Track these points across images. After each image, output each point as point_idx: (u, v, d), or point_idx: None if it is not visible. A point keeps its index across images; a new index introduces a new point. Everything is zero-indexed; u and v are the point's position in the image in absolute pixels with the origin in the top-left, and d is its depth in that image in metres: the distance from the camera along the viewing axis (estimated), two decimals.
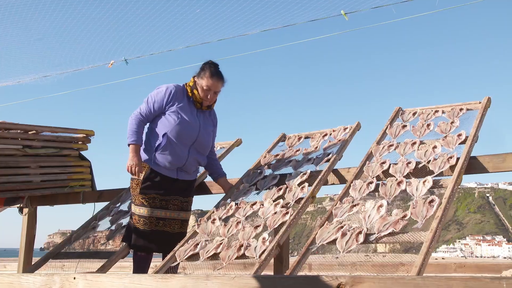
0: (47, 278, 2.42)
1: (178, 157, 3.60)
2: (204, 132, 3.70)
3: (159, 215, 3.58)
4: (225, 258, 3.01)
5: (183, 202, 3.70)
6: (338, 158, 3.87)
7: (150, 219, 3.55)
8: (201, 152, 3.75)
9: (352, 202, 3.22)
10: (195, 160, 3.72)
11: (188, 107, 3.65)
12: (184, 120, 3.59)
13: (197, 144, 3.68)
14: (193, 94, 3.66)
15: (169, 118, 3.58)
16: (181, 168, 3.66)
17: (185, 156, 3.63)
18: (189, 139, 3.62)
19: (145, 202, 3.56)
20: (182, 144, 3.60)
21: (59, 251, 4.10)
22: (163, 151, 3.57)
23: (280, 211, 3.31)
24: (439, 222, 2.72)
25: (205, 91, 3.61)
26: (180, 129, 3.57)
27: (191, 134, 3.62)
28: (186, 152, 3.63)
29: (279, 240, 2.99)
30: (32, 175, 4.57)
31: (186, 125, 3.59)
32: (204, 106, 3.70)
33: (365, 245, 2.86)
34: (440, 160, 3.30)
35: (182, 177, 3.69)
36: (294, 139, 4.50)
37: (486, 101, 3.84)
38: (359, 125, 4.30)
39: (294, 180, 3.73)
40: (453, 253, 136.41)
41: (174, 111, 3.59)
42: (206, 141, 3.74)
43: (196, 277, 2.05)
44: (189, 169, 3.71)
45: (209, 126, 3.79)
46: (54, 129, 4.79)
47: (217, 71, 3.63)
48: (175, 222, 3.63)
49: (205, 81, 3.60)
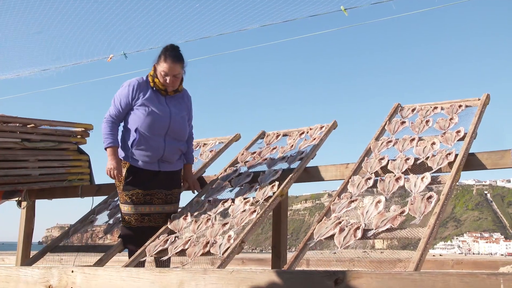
0: (45, 271, 2.42)
1: (155, 149, 3.56)
2: (176, 118, 3.63)
3: (143, 211, 3.56)
4: (191, 254, 3.06)
5: (167, 195, 3.65)
6: (311, 157, 3.91)
7: (135, 216, 3.55)
8: (179, 139, 3.69)
9: (351, 197, 3.23)
10: (175, 148, 3.66)
11: (155, 97, 3.60)
12: (152, 111, 3.54)
13: (171, 132, 3.61)
14: (154, 83, 3.60)
15: (138, 112, 3.55)
16: (161, 159, 3.61)
17: (161, 147, 3.58)
18: (161, 129, 3.57)
19: (129, 199, 3.56)
20: (155, 135, 3.55)
21: (57, 244, 4.10)
22: (138, 146, 3.54)
23: (249, 209, 3.36)
24: (437, 218, 2.72)
25: (163, 76, 3.54)
26: (150, 121, 3.53)
27: (162, 123, 3.57)
28: (162, 142, 3.58)
29: (243, 238, 3.03)
30: (30, 168, 4.57)
31: (155, 116, 3.54)
32: (170, 91, 3.62)
33: (362, 241, 2.87)
34: (439, 157, 3.30)
35: (164, 169, 3.64)
36: (273, 137, 4.54)
37: (485, 98, 3.84)
38: (336, 124, 4.35)
39: (266, 178, 3.77)
40: (450, 250, 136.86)
41: (141, 104, 3.55)
42: (180, 127, 3.67)
43: (193, 271, 2.06)
44: (171, 158, 3.65)
45: (182, 110, 3.71)
46: (53, 123, 4.78)
47: (172, 54, 3.54)
48: (159, 216, 3.60)
49: (161, 66, 3.53)
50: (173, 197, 3.70)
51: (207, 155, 4.60)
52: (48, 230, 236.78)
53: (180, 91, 3.70)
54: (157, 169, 3.60)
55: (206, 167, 4.45)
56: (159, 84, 3.58)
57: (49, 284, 2.38)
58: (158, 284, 2.09)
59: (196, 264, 3.05)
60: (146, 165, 3.57)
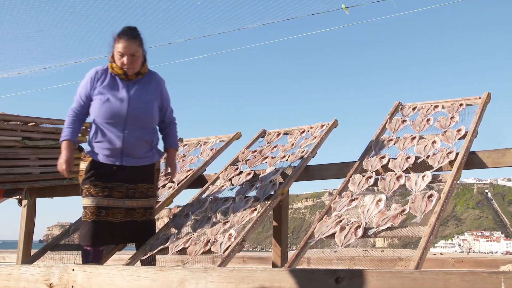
0: (46, 270, 2.42)
1: (113, 141, 3.26)
2: (137, 103, 3.30)
3: (101, 203, 3.25)
4: (191, 253, 3.07)
5: (129, 189, 3.32)
6: (311, 156, 3.91)
7: (92, 209, 3.23)
8: (143, 127, 3.33)
9: (351, 196, 3.23)
10: (139, 139, 3.32)
11: (113, 84, 3.32)
12: (108, 99, 3.26)
13: (131, 119, 3.28)
14: (112, 68, 3.32)
15: (94, 102, 3.30)
16: (123, 152, 3.29)
17: (119, 138, 3.26)
18: (117, 117, 3.25)
19: (87, 192, 3.27)
20: (112, 126, 3.26)
21: (57, 242, 4.11)
22: (96, 138, 3.29)
23: (250, 207, 3.37)
24: (437, 217, 2.72)
25: (120, 57, 3.26)
26: (104, 110, 3.26)
27: (119, 111, 3.25)
28: (120, 133, 3.26)
29: (244, 237, 3.03)
30: (31, 167, 4.57)
31: (109, 104, 3.26)
32: (131, 74, 3.31)
33: (363, 240, 2.87)
34: (440, 155, 3.30)
35: (128, 163, 3.30)
36: (273, 135, 4.54)
37: (486, 97, 3.84)
38: (336, 122, 4.35)
39: (267, 176, 3.77)
40: (451, 248, 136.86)
41: (98, 93, 3.29)
42: (143, 112, 3.31)
43: (194, 269, 2.06)
44: (135, 151, 3.31)
45: (148, 94, 3.36)
46: (54, 121, 4.78)
47: (126, 32, 3.27)
48: (118, 211, 3.28)
49: (117, 47, 3.25)
50: (137, 192, 3.35)
51: (207, 154, 4.60)
52: (49, 228, 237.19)
53: (143, 73, 3.38)
54: (119, 163, 3.29)
55: (206, 165, 4.45)
56: (116, 69, 3.30)
57: (50, 282, 2.38)
58: (159, 282, 2.09)
59: (197, 263, 3.05)
60: (105, 158, 3.28)
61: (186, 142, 5.08)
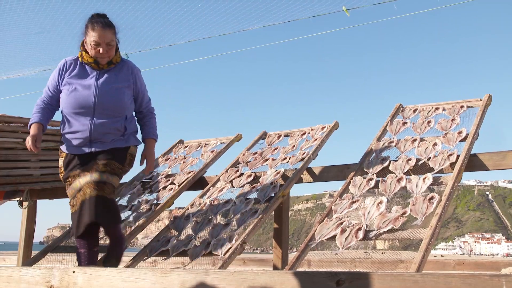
0: (46, 272, 2.42)
1: (80, 131, 3.13)
2: (105, 92, 3.15)
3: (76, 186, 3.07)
4: (192, 255, 3.07)
5: (101, 165, 3.10)
6: (312, 158, 3.92)
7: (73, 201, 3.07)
8: (112, 115, 3.17)
9: (352, 198, 3.22)
10: (108, 128, 3.15)
11: (82, 73, 3.20)
12: (75, 89, 3.15)
13: (100, 107, 3.14)
14: (82, 57, 3.20)
15: (62, 94, 3.20)
16: (92, 140, 3.14)
17: (86, 126, 3.12)
18: (85, 106, 3.13)
19: (67, 185, 3.15)
20: (80, 115, 3.14)
21: (58, 244, 4.10)
22: (65, 130, 3.18)
23: (250, 209, 3.36)
24: (438, 219, 2.72)
25: (94, 47, 3.12)
26: (70, 100, 3.15)
27: (86, 99, 3.12)
28: (87, 122, 3.13)
29: (244, 239, 3.04)
30: (32, 168, 4.57)
31: (76, 93, 3.14)
32: (103, 63, 3.18)
33: (364, 242, 2.87)
34: (440, 157, 3.30)
35: (98, 148, 3.15)
36: (274, 137, 4.54)
37: (487, 99, 3.84)
38: (337, 124, 4.35)
39: (267, 178, 3.77)
40: (452, 250, 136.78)
41: (66, 84, 3.19)
42: (111, 100, 3.16)
43: (195, 272, 2.06)
44: (103, 138, 3.16)
45: (118, 82, 3.21)
46: (54, 123, 4.77)
47: (100, 20, 3.14)
48: (87, 186, 3.03)
49: (91, 36, 3.10)
50: (109, 168, 3.13)
51: (208, 156, 4.60)
52: (49, 230, 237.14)
53: (115, 63, 3.26)
54: (89, 151, 3.15)
55: (207, 167, 4.45)
56: (87, 57, 3.18)
57: (50, 284, 2.38)
58: (160, 285, 2.09)
59: (197, 265, 3.05)
60: (75, 149, 3.16)
61: (187, 144, 5.08)
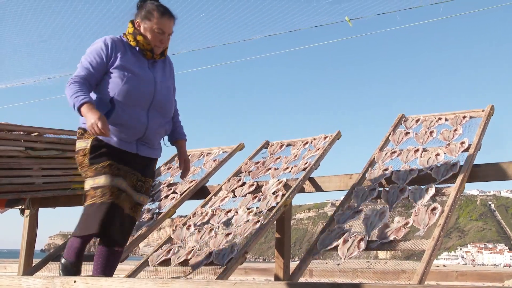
0: (47, 281, 2.41)
1: (135, 125, 2.76)
2: (162, 88, 2.88)
3: (121, 185, 2.69)
4: (194, 264, 3.07)
5: (138, 181, 2.82)
6: (314, 167, 3.92)
7: (111, 189, 2.63)
8: (165, 115, 2.91)
9: (354, 208, 3.21)
10: (160, 127, 2.89)
11: (137, 60, 2.83)
12: (133, 76, 2.77)
13: (157, 104, 2.84)
14: (137, 41, 2.83)
15: (114, 77, 2.75)
16: (141, 139, 2.82)
17: (144, 123, 2.78)
18: (144, 99, 2.79)
19: (102, 169, 2.67)
20: (135, 108, 2.76)
21: (59, 253, 4.09)
22: (114, 120, 2.70)
23: (252, 219, 3.36)
24: (441, 230, 2.71)
25: (157, 34, 2.82)
26: (130, 88, 2.74)
27: (146, 92, 2.79)
28: (144, 117, 2.79)
29: (246, 249, 3.04)
30: (34, 176, 4.57)
31: (137, 82, 2.77)
32: (157, 53, 2.88)
33: (366, 251, 2.86)
34: (443, 168, 3.29)
35: (143, 153, 2.84)
36: (276, 147, 4.55)
37: (489, 109, 3.84)
38: (340, 134, 4.36)
39: (269, 188, 3.77)
40: (454, 260, 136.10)
41: (118, 67, 2.75)
42: (167, 99, 2.92)
43: (196, 282, 2.05)
44: (152, 139, 2.87)
45: (167, 79, 2.97)
46: (57, 131, 4.80)
47: (167, 9, 2.88)
48: (129, 201, 2.75)
49: (157, 22, 2.80)
50: (145, 187, 2.88)
51: (210, 165, 4.60)
52: (51, 237, 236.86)
53: (165, 55, 3.00)
54: (134, 152, 2.80)
55: (209, 176, 4.45)
56: (144, 43, 2.83)
57: None
58: None
59: (198, 274, 3.04)
60: (120, 143, 2.75)
61: (189, 152, 5.07)
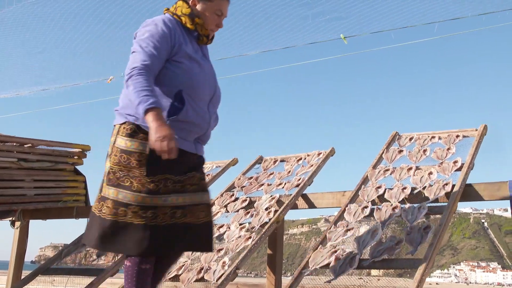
0: None
1: (199, 124, 2.37)
2: (215, 79, 2.51)
3: (176, 202, 2.27)
4: (185, 280, 3.06)
5: (200, 180, 2.40)
6: (308, 184, 3.92)
7: (163, 210, 2.22)
8: (216, 109, 2.53)
9: (347, 226, 3.21)
10: (216, 122, 2.54)
11: (195, 47, 2.44)
12: (198, 67, 2.39)
13: (216, 98, 2.48)
14: (196, 24, 2.41)
15: (178, 67, 2.33)
16: (200, 137, 2.44)
17: (207, 120, 2.40)
18: (209, 93, 2.41)
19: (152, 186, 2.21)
20: (200, 102, 2.37)
21: (48, 266, 4.06)
22: (182, 117, 2.30)
23: (244, 235, 3.35)
24: (433, 250, 2.71)
25: (218, 17, 2.46)
26: (198, 81, 2.36)
27: (211, 85, 2.43)
28: (207, 113, 2.40)
29: (237, 265, 3.03)
30: (26, 188, 4.54)
31: (203, 74, 2.40)
32: (209, 38, 2.50)
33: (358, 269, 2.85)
34: (436, 187, 3.30)
35: (200, 152, 2.46)
36: (270, 162, 4.55)
37: (482, 129, 3.86)
38: (333, 151, 4.37)
39: (262, 204, 3.77)
40: (447, 278, 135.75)
41: (184, 55, 2.35)
42: (219, 91, 2.53)
43: None
44: (209, 137, 2.51)
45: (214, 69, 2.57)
46: (50, 143, 4.78)
47: None
48: (198, 209, 2.34)
49: (217, 3, 2.43)
50: (205, 183, 2.47)
51: None
52: (41, 249, 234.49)
53: None
54: (194, 152, 2.39)
55: None
56: (203, 27, 2.43)
57: None
58: None
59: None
60: (184, 143, 2.32)
61: None
